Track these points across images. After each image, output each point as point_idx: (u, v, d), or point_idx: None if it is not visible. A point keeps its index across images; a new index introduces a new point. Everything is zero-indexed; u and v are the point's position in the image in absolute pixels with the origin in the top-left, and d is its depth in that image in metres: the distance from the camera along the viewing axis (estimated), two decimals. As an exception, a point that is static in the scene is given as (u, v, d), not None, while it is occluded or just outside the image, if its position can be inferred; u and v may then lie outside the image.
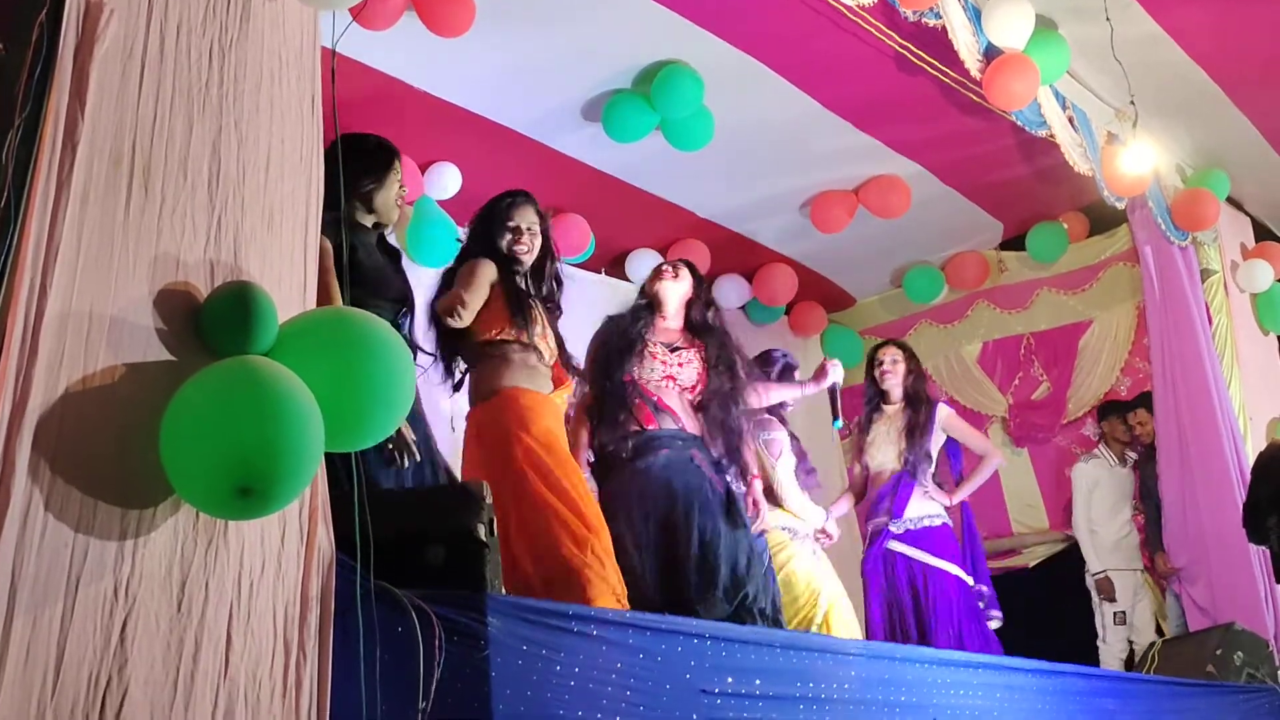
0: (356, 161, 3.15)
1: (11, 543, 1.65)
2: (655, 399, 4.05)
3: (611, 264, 6.85)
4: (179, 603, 1.84)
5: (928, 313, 7.68)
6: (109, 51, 1.84)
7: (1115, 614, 5.99)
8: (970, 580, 5.26)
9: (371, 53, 4.79)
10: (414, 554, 2.28)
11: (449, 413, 4.02)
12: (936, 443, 5.44)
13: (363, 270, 3.07)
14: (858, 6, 4.58)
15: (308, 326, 2.06)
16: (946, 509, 5.35)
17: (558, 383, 3.71)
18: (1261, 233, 6.91)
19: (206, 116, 2.10)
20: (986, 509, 5.80)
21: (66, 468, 1.74)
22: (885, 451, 5.40)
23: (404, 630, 2.10)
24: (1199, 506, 5.78)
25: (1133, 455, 6.45)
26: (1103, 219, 6.81)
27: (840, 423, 5.05)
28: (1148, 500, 6.19)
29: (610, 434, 3.99)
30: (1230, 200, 6.57)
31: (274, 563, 2.00)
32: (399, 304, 3.29)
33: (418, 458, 2.94)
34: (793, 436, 5.07)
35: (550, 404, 3.64)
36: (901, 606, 5.17)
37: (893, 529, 5.29)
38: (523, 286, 3.71)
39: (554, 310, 3.79)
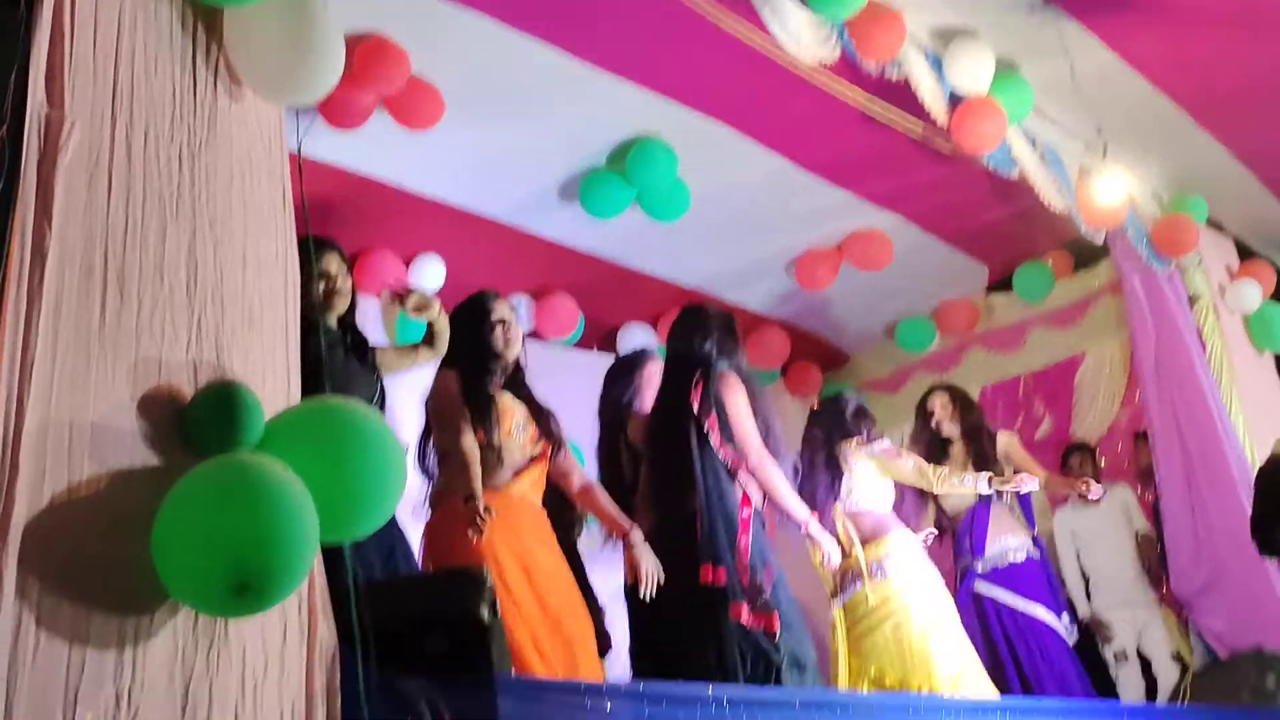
0: None
1: (3, 664, 1.62)
2: None
3: (603, 341, 6.85)
4: (183, 708, 1.81)
5: (923, 362, 7.64)
6: (74, 162, 1.85)
7: (1115, 654, 5.81)
8: (1055, 620, 5.14)
9: (346, 152, 4.84)
10: (418, 641, 2.24)
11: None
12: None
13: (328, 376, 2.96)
14: (819, 66, 4.64)
15: (294, 420, 2.05)
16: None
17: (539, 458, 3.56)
18: (1245, 253, 6.90)
19: (180, 219, 2.11)
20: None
21: (57, 581, 1.71)
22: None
23: (413, 720, 2.06)
24: (1213, 534, 5.65)
25: (1103, 488, 6.40)
26: (1087, 253, 6.81)
27: None
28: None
29: None
30: (1210, 223, 6.56)
31: (276, 660, 1.97)
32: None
33: None
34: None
35: (502, 498, 3.38)
36: (999, 654, 5.01)
37: (978, 568, 5.18)
38: (487, 391, 3.54)
39: (522, 389, 3.66)
